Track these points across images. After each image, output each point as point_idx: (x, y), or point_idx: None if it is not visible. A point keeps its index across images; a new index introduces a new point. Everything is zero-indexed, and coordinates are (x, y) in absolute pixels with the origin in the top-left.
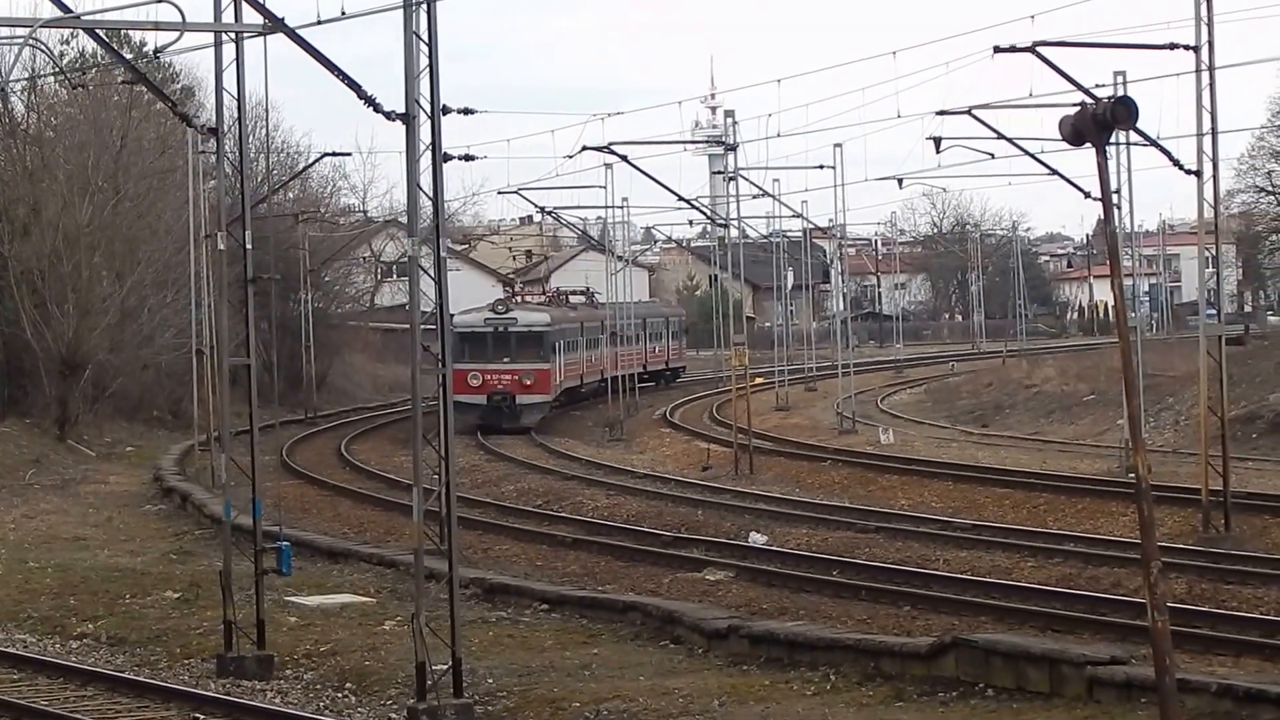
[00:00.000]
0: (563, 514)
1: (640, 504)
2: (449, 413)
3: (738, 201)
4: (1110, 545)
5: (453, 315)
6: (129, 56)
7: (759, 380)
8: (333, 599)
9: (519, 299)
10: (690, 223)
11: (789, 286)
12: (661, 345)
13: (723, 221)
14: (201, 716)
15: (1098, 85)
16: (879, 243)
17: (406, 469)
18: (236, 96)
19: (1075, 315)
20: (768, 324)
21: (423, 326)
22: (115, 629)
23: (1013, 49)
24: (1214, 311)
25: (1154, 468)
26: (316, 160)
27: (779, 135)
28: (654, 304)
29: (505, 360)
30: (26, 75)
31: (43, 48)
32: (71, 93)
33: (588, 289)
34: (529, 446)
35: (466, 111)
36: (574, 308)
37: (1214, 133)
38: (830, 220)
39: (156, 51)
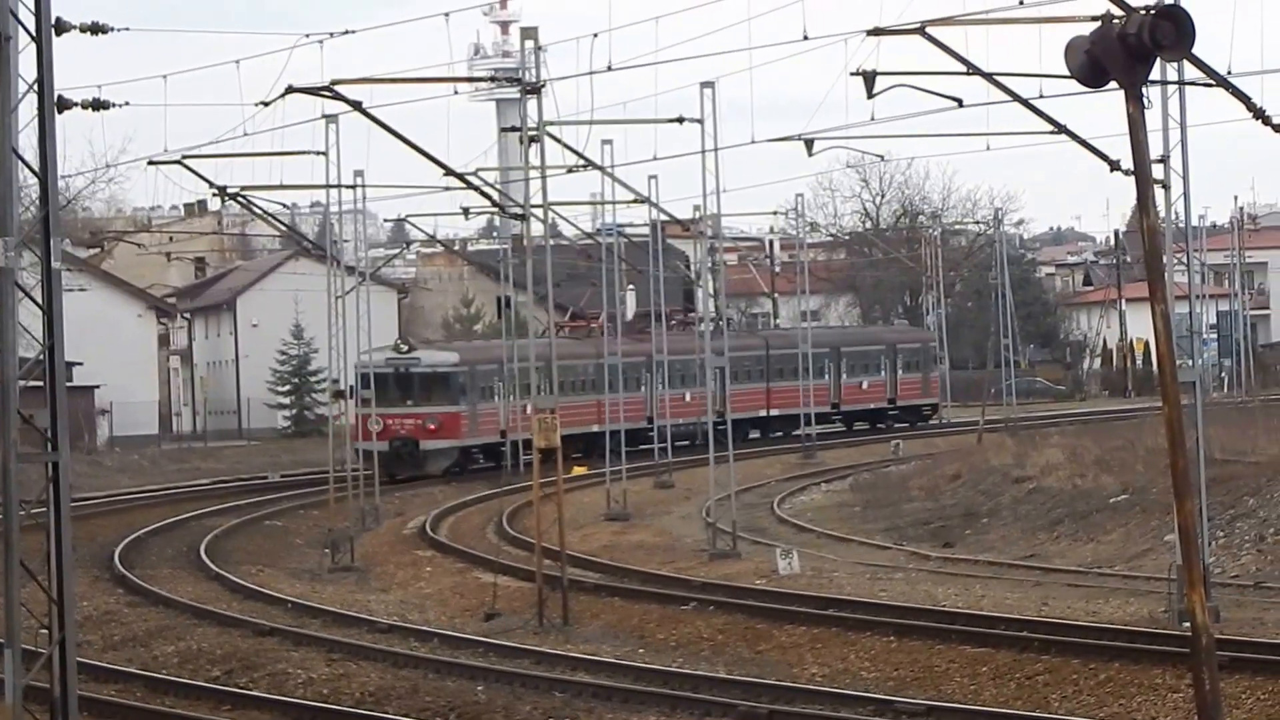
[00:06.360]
0: (254, 692)
1: (383, 675)
2: (63, 528)
3: (544, 177)
4: None
5: (366, 355)
6: None
7: (579, 471)
8: None
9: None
10: (467, 213)
11: (629, 315)
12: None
13: (518, 210)
14: None
15: None
16: (776, 245)
17: None
18: None
19: (1096, 363)
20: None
21: (24, 384)
22: None
23: None
24: None
25: (1224, 613)
26: None
27: (610, 68)
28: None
29: (408, 403)
30: None
31: None
32: None
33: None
34: (201, 580)
35: (97, 29)
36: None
37: None
38: (696, 209)
39: None
